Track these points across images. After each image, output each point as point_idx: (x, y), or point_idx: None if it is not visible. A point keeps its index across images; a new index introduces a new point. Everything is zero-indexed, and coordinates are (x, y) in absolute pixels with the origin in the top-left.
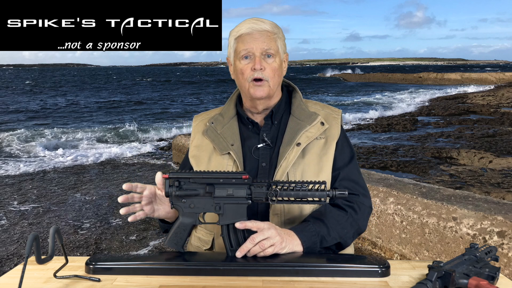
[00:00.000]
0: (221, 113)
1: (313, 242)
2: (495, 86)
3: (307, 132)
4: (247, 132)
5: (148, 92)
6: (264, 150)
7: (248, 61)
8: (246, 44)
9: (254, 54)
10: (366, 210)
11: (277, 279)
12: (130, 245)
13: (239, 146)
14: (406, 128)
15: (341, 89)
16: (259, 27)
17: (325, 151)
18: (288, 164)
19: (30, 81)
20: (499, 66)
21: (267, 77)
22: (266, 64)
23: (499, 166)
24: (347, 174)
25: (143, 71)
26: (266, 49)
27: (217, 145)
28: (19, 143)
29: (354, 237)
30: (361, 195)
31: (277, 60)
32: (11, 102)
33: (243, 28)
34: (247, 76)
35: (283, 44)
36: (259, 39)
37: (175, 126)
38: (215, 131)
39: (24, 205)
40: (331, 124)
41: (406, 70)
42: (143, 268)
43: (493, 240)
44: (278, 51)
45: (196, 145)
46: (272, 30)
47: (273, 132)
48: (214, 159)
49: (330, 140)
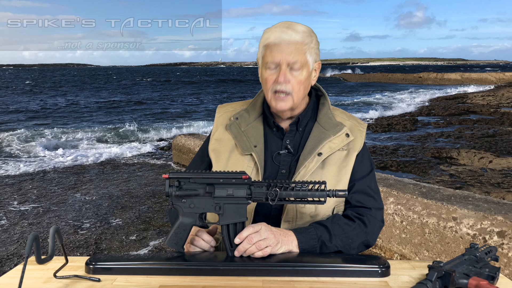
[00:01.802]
0: (247, 109)
1: (311, 245)
2: (495, 86)
3: (330, 143)
4: (271, 134)
5: (148, 92)
6: (286, 157)
7: (273, 71)
8: (272, 54)
9: (280, 66)
10: (377, 224)
11: (277, 279)
12: (130, 245)
13: (262, 148)
14: (406, 128)
15: (341, 89)
16: (288, 37)
17: (345, 164)
18: (307, 173)
19: (30, 81)
20: (499, 66)
21: (291, 90)
22: (291, 77)
23: (499, 166)
24: (361, 187)
25: (143, 71)
26: (293, 62)
27: (240, 143)
28: (19, 143)
29: (360, 248)
30: (374, 209)
31: (304, 72)
32: (11, 102)
33: (272, 36)
34: (270, 87)
35: (314, 53)
36: (286, 51)
37: (175, 126)
38: (239, 127)
39: (24, 205)
40: (356, 136)
41: (406, 70)
42: (143, 268)
43: (493, 240)
44: (306, 63)
45: (218, 138)
46: (303, 40)
47: (297, 138)
48: (235, 157)
49: (351, 152)
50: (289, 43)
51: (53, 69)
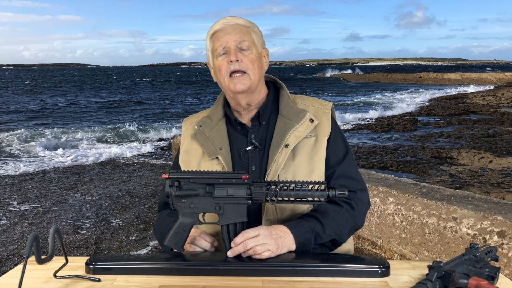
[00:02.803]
0: (209, 115)
1: (306, 238)
2: (495, 86)
3: (296, 132)
4: (236, 134)
5: (148, 92)
6: (253, 152)
7: (224, 57)
8: (220, 39)
9: (229, 48)
10: (364, 206)
11: (277, 279)
12: (130, 245)
13: (227, 149)
14: (406, 128)
15: (341, 89)
16: (232, 21)
17: (316, 150)
18: (278, 167)
19: (30, 81)
20: (499, 66)
21: (245, 67)
22: (242, 56)
23: (499, 166)
24: (342, 171)
25: (143, 71)
26: (240, 41)
27: (206, 149)
28: (19, 143)
29: (351, 233)
30: (359, 191)
31: (254, 51)
32: (11, 102)
33: (216, 26)
34: (225, 71)
35: (260, 38)
36: (232, 32)
37: (175, 126)
38: (204, 134)
39: (24, 205)
40: (321, 120)
41: (406, 70)
42: (143, 268)
43: (493, 240)
44: (254, 43)
45: (186, 150)
46: (246, 24)
47: (262, 133)
48: (204, 164)
49: (320, 137)
50: (233, 25)
51: (53, 69)
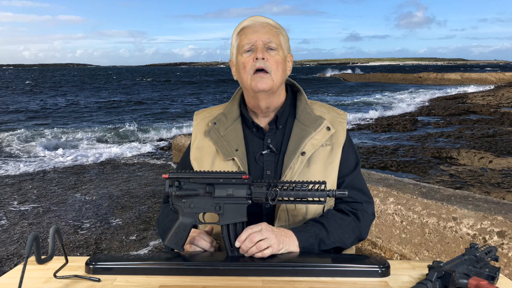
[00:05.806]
0: (224, 113)
1: (310, 243)
2: (495, 86)
3: (312, 140)
4: (251, 136)
5: (148, 92)
6: (269, 156)
7: (250, 54)
8: (248, 36)
9: (256, 46)
10: (369, 218)
11: (277, 279)
12: (130, 245)
13: (243, 151)
14: (406, 128)
15: (341, 89)
16: (262, 20)
17: (331, 159)
18: (294, 174)
19: (30, 81)
20: (499, 66)
21: (269, 68)
22: (268, 55)
23: (499, 166)
24: (351, 182)
25: (143, 71)
26: (268, 41)
27: (221, 148)
28: (19, 143)
29: (354, 243)
30: (365, 202)
31: (281, 53)
32: (11, 102)
33: (245, 22)
34: (249, 68)
35: (286, 42)
36: (261, 31)
37: (175, 126)
38: (218, 132)
39: (24, 205)
40: (337, 129)
41: (406, 70)
42: (143, 268)
43: (493, 240)
44: (281, 45)
45: (198, 146)
46: (275, 25)
47: (278, 137)
48: (218, 164)
49: (336, 147)
50: (263, 23)
51: (53, 69)
